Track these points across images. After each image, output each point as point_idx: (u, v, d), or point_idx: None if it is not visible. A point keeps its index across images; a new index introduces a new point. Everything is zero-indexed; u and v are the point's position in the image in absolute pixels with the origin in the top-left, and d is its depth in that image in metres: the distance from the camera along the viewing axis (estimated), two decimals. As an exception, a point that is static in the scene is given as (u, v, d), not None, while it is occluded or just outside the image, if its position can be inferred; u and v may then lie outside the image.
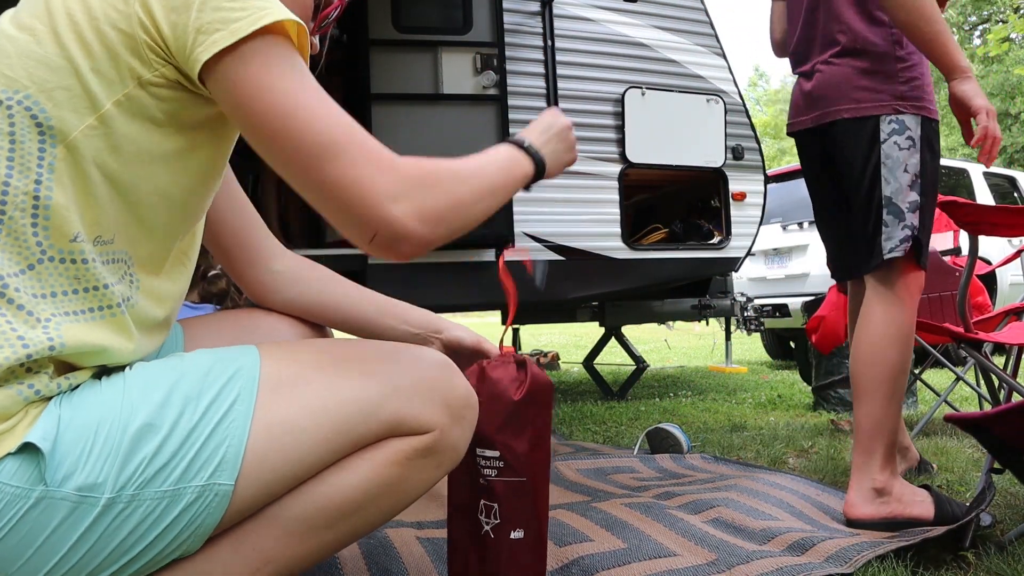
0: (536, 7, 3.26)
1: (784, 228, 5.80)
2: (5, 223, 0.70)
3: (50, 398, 0.70)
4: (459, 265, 3.06)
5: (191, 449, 0.71)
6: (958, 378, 2.59)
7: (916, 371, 2.89)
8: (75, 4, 0.72)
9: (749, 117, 3.76)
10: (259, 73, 0.72)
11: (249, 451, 0.73)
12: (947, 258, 2.89)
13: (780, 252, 5.87)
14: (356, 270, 2.88)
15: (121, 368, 0.76)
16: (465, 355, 1.10)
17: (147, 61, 0.72)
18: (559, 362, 6.39)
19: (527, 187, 0.96)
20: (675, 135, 3.50)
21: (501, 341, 1.07)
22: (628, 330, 4.44)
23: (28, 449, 0.66)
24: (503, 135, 2.99)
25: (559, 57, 3.27)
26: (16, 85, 0.70)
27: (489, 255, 3.12)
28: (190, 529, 0.72)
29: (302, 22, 0.76)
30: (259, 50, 0.73)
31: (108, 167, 0.73)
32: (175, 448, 0.70)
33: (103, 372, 0.76)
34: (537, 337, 10.77)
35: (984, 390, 2.52)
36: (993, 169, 6.90)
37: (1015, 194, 6.69)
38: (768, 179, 3.95)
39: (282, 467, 0.75)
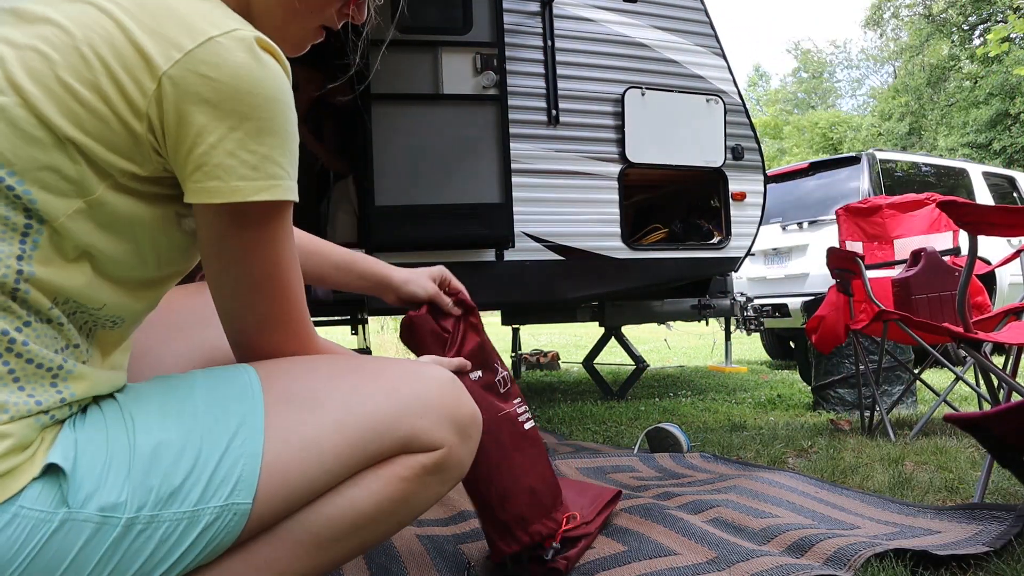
0: (536, 7, 3.26)
1: (784, 228, 5.81)
2: None
3: (63, 421, 0.70)
4: (459, 265, 3.07)
5: (206, 468, 0.70)
6: (958, 378, 2.59)
7: (916, 371, 2.89)
8: (81, 80, 0.67)
9: (749, 117, 3.76)
10: (248, 235, 0.74)
11: (266, 468, 0.72)
12: (947, 258, 2.89)
13: (780, 252, 5.87)
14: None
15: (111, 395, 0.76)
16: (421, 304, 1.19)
17: (147, 158, 0.71)
18: (559, 362, 6.39)
19: None
20: (675, 135, 3.50)
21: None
22: (628, 330, 4.44)
23: (49, 472, 0.66)
24: (503, 135, 3.00)
25: (559, 57, 3.28)
26: (1, 159, 0.65)
27: (490, 255, 3.12)
28: (210, 547, 0.71)
29: (296, 198, 0.75)
30: (255, 215, 0.73)
31: (95, 245, 0.70)
32: (189, 467, 0.70)
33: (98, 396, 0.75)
34: (537, 337, 10.77)
35: (983, 390, 2.52)
36: (993, 169, 6.91)
37: (1015, 194, 6.69)
38: (768, 179, 3.96)
39: (300, 483, 0.75)
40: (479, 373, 1.19)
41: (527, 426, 1.23)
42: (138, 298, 0.77)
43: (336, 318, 3.96)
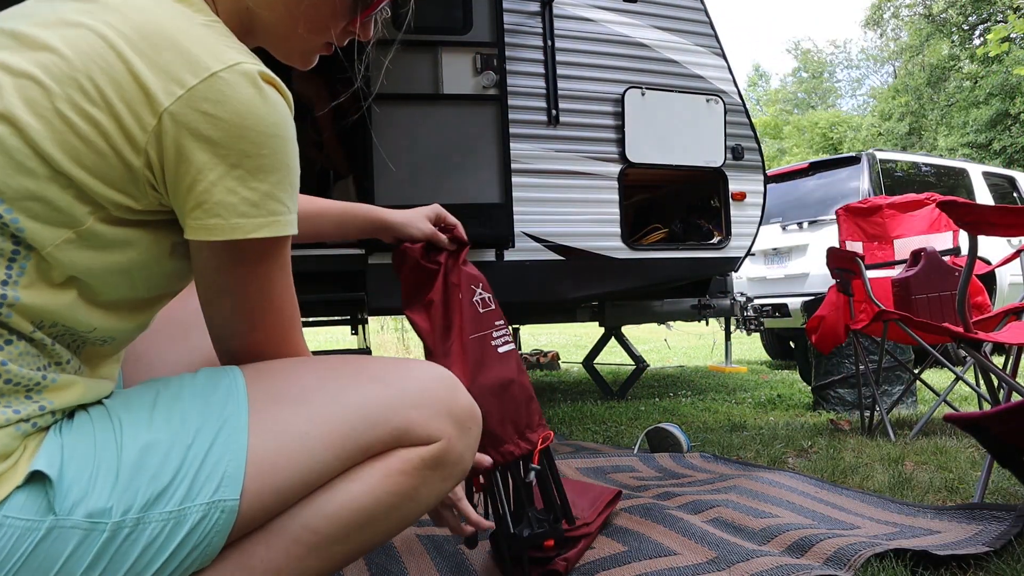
0: (536, 7, 3.26)
1: (784, 228, 5.81)
2: None
3: (48, 428, 0.69)
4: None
5: (191, 467, 0.69)
6: (958, 378, 2.59)
7: (916, 371, 2.89)
8: (81, 113, 0.66)
9: (749, 117, 3.76)
10: (245, 270, 0.74)
11: (252, 462, 0.71)
12: (947, 258, 2.89)
13: (780, 252, 5.87)
14: (357, 270, 2.89)
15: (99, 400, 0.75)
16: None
17: (143, 193, 0.70)
18: (559, 362, 6.39)
19: None
20: (675, 135, 3.50)
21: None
22: (628, 330, 4.44)
23: (34, 479, 0.65)
24: (503, 135, 3.00)
25: (559, 57, 3.28)
26: None
27: (489, 255, 3.12)
28: (200, 548, 0.70)
29: (296, 231, 0.75)
30: (253, 251, 0.73)
31: (84, 273, 0.70)
32: (176, 467, 0.69)
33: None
34: (537, 337, 10.77)
35: (983, 390, 2.52)
36: (993, 169, 6.91)
37: (1015, 194, 6.69)
38: (768, 179, 3.96)
39: (290, 476, 0.73)
40: (460, 294, 1.21)
41: (501, 349, 1.22)
42: (128, 320, 0.76)
43: (336, 318, 3.96)
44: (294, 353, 0.83)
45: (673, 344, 8.98)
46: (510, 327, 1.27)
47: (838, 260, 2.72)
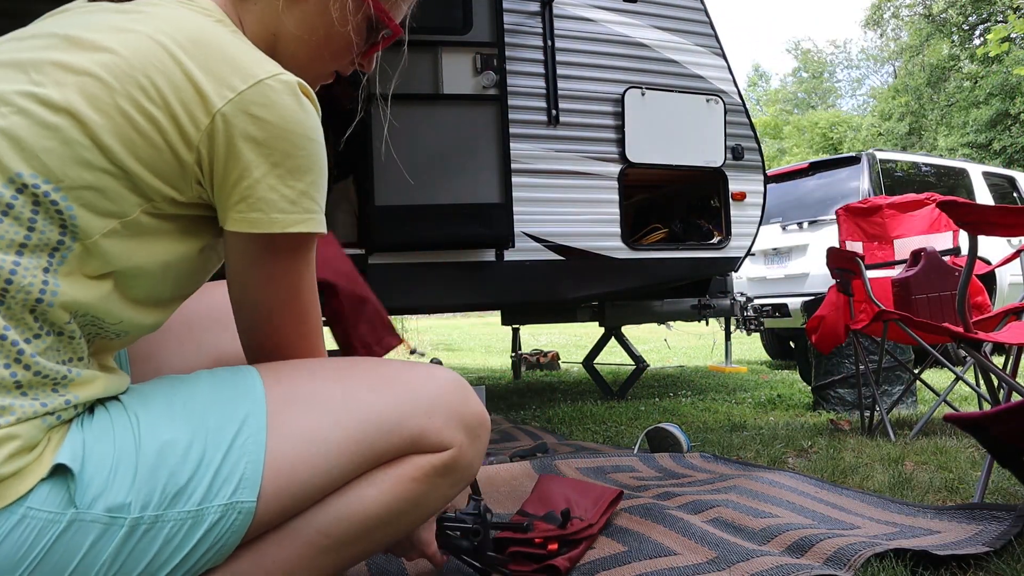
0: (536, 7, 3.26)
1: (784, 228, 5.81)
2: (6, 302, 0.67)
3: (70, 421, 0.71)
4: (459, 265, 3.07)
5: (210, 467, 0.71)
6: (958, 378, 2.59)
7: (916, 371, 2.89)
8: (140, 109, 0.70)
9: (749, 117, 3.76)
10: (276, 263, 0.78)
11: (270, 466, 0.73)
12: (947, 258, 2.89)
13: (780, 252, 5.87)
14: (358, 269, 2.89)
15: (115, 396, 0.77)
16: None
17: (189, 186, 0.74)
18: (559, 362, 6.39)
19: None
20: (675, 135, 3.50)
21: None
22: (628, 330, 4.44)
23: (57, 472, 0.66)
24: (503, 135, 3.00)
25: (559, 57, 3.28)
26: (49, 175, 0.67)
27: (490, 255, 3.12)
28: (216, 547, 0.72)
29: (325, 230, 0.79)
30: (286, 245, 0.77)
31: (122, 264, 0.72)
32: (194, 466, 0.70)
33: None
34: (537, 337, 10.78)
35: (983, 390, 2.52)
36: (993, 169, 6.91)
37: (1015, 194, 6.69)
38: (768, 179, 3.96)
39: (306, 480, 0.75)
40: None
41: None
42: (150, 315, 0.79)
43: (336, 318, 3.96)
44: (314, 352, 0.85)
45: (673, 344, 8.98)
46: None
47: (838, 260, 2.72)
